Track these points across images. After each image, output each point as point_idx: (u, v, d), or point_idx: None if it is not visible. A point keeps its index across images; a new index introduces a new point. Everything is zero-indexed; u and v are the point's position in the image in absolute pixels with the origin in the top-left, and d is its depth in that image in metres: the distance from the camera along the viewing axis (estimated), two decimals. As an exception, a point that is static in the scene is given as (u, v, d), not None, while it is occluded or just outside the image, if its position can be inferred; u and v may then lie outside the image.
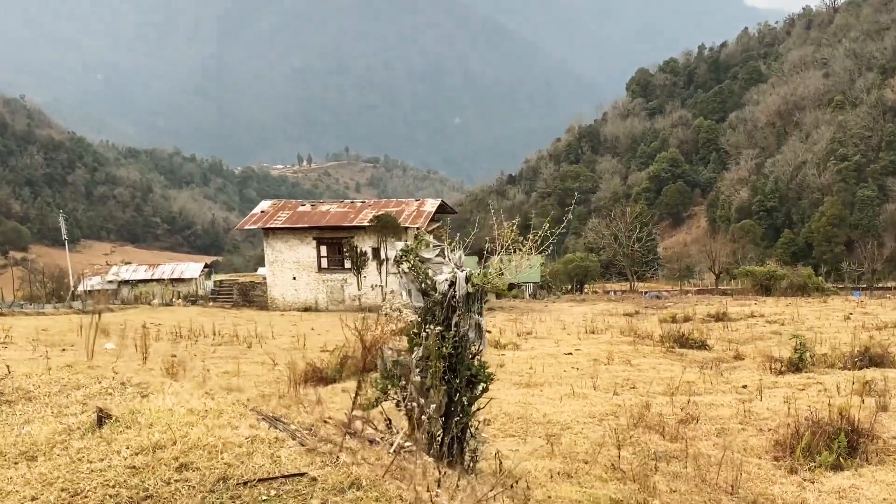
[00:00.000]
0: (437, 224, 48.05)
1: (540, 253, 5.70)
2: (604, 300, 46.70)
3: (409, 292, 5.39)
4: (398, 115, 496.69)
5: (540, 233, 5.64)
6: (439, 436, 5.29)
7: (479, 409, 5.38)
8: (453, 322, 5.21)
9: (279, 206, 44.07)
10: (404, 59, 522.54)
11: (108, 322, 23.06)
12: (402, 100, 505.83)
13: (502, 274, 5.16)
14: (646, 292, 56.09)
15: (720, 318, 28.56)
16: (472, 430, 5.39)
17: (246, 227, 42.79)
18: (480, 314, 5.21)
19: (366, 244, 40.49)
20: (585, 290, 66.87)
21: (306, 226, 40.94)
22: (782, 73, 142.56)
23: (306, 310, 39.83)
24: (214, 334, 21.73)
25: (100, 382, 4.76)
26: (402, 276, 5.43)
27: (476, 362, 5.26)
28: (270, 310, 41.03)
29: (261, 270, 76.87)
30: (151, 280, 67.92)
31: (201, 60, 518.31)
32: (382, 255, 39.71)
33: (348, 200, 46.40)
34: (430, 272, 5.35)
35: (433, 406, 5.19)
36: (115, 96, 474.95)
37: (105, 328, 21.25)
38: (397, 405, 5.39)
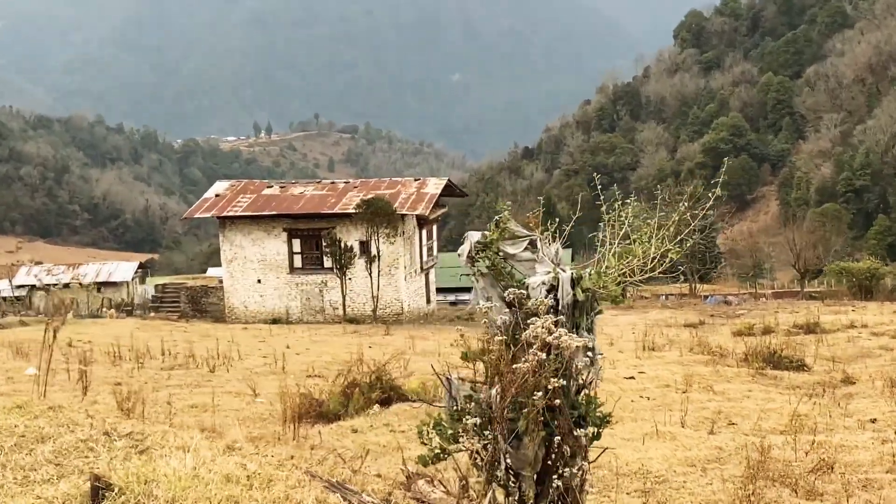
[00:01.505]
0: (443, 210, 47.84)
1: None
2: (655, 307, 46.46)
3: (487, 301, 4.97)
4: (382, 75, 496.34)
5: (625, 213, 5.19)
6: (531, 501, 4.89)
7: (587, 465, 4.95)
8: (554, 342, 4.77)
9: (238, 188, 43.80)
10: (390, 4, 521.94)
11: (21, 340, 22.66)
12: (386, 56, 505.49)
13: (624, 276, 4.71)
14: (707, 296, 55.82)
15: (811, 329, 28.26)
16: (576, 489, 4.96)
17: (196, 216, 42.64)
18: (591, 331, 4.78)
19: (351, 237, 40.24)
20: (629, 294, 66.61)
21: (274, 213, 40.69)
22: (874, 16, 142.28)
23: (275, 321, 39.63)
24: (164, 355, 21.41)
25: (72, 431, 4.33)
26: (477, 280, 5.03)
27: (584, 397, 4.83)
28: (229, 321, 40.81)
29: (212, 271, 76.49)
30: (72, 284, 67.50)
31: (133, 4, 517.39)
32: (373, 251, 39.38)
33: (328, 181, 46.12)
34: (519, 273, 4.94)
35: (526, 459, 4.77)
36: (20, 50, 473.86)
37: (19, 347, 20.87)
38: (472, 458, 4.97)
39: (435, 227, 48.20)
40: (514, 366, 4.57)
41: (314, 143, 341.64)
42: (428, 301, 46.09)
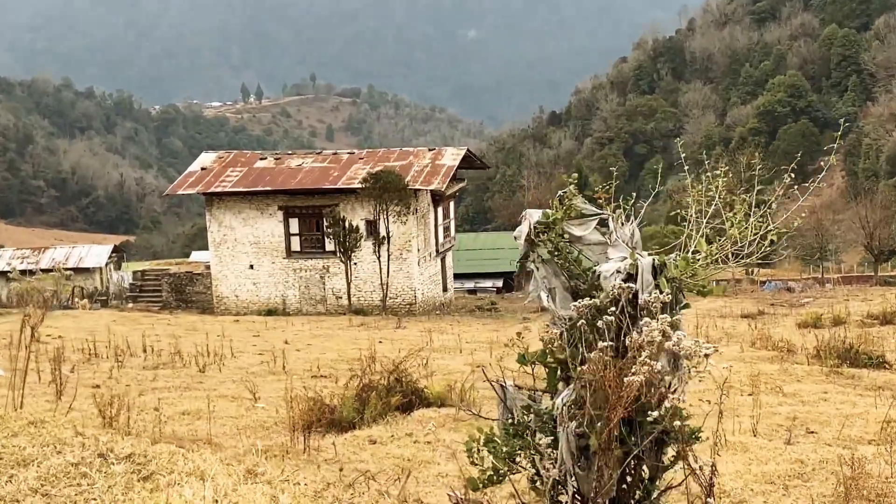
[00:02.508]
0: (461, 184, 47.68)
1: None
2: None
3: (549, 293, 4.78)
4: (387, 30, 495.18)
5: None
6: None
7: (668, 489, 4.74)
8: (628, 342, 4.56)
9: (227, 160, 43.76)
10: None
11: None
12: (392, 7, 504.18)
13: (714, 261, 4.48)
14: (765, 282, 55.52)
15: (888, 319, 28.00)
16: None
17: (179, 193, 42.61)
18: (677, 328, 4.55)
19: (357, 215, 40.17)
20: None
21: (269, 189, 40.61)
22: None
23: (270, 313, 39.64)
24: (146, 352, 21.34)
25: (60, 453, 4.13)
26: (537, 268, 4.82)
27: (669, 409, 4.60)
28: (218, 313, 40.84)
29: (197, 256, 76.55)
30: (37, 271, 67.58)
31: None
32: (382, 232, 39.24)
33: (329, 151, 45.99)
34: (588, 259, 4.74)
35: (598, 481, 4.56)
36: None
37: (-18, 343, 20.83)
38: (532, 481, 4.77)
39: (452, 205, 48.06)
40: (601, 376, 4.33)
41: (310, 108, 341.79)
42: (444, 289, 45.99)
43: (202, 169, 42.98)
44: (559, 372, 4.87)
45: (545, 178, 71.12)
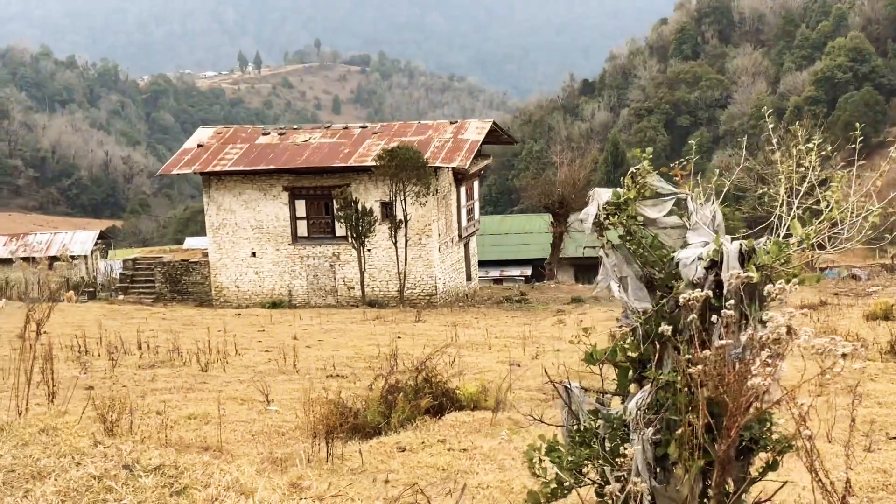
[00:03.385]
0: (486, 161, 47.60)
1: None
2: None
3: (620, 282, 4.71)
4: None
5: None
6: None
7: None
8: (714, 338, 4.49)
9: (227, 136, 43.83)
10: None
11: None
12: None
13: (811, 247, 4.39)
14: (827, 268, 55.21)
15: (968, 312, 27.85)
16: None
17: (174, 172, 42.68)
18: (766, 324, 4.46)
19: (371, 196, 40.17)
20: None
21: (273, 168, 40.63)
22: None
23: (275, 305, 39.81)
24: (141, 349, 21.50)
25: (79, 464, 4.09)
26: (606, 254, 4.75)
27: (757, 413, 4.53)
28: (217, 305, 41.03)
29: (191, 242, 76.73)
30: (16, 259, 67.90)
31: None
32: (399, 215, 39.21)
33: (339, 126, 45.93)
34: (664, 244, 4.66)
35: (677, 498, 4.50)
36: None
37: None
38: (601, 494, 4.71)
39: (476, 184, 47.97)
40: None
41: (315, 78, 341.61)
42: (468, 278, 45.97)
43: (199, 146, 43.03)
44: (631, 372, 4.80)
45: (579, 154, 70.72)
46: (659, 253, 4.76)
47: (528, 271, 63.52)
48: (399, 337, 24.96)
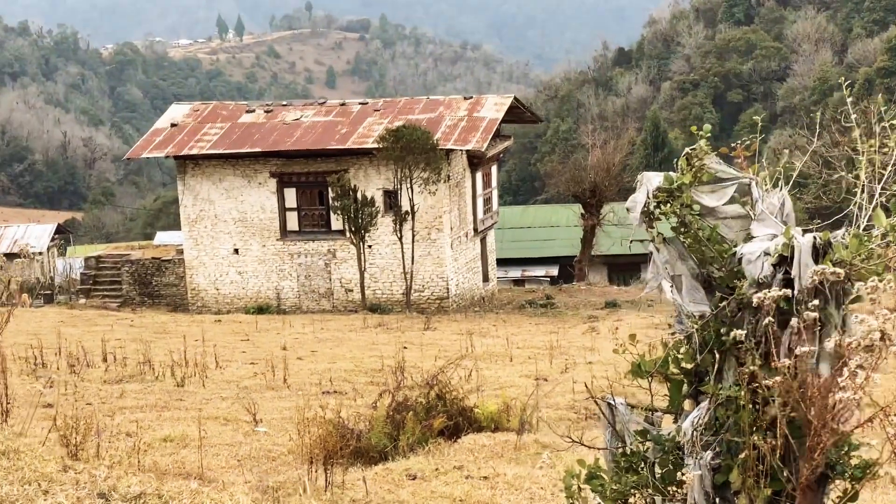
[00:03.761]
0: (507, 143, 47.61)
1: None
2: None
3: (673, 281, 4.73)
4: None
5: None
6: None
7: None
8: (783, 347, 4.51)
9: (205, 113, 43.93)
10: None
11: None
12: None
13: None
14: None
15: None
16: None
17: (144, 156, 42.79)
18: (845, 329, 4.48)
19: (372, 184, 40.23)
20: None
21: (258, 150, 40.71)
22: None
23: (261, 310, 39.89)
24: (107, 361, 21.57)
25: (48, 493, 4.10)
26: (657, 249, 4.76)
27: (843, 434, 4.56)
28: (194, 310, 41.15)
29: (162, 237, 76.83)
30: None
31: None
32: (404, 205, 39.24)
33: (334, 102, 46.00)
34: (724, 237, 4.68)
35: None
36: None
37: None
38: (651, 529, 4.75)
39: (494, 169, 47.99)
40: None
41: (305, 46, 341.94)
42: (485, 278, 46.02)
43: (172, 125, 43.05)
44: (686, 386, 4.81)
45: (613, 135, 70.37)
46: (718, 248, 4.78)
47: (553, 271, 63.56)
48: (405, 347, 25.02)
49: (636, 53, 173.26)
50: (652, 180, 4.89)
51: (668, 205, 4.83)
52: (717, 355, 4.69)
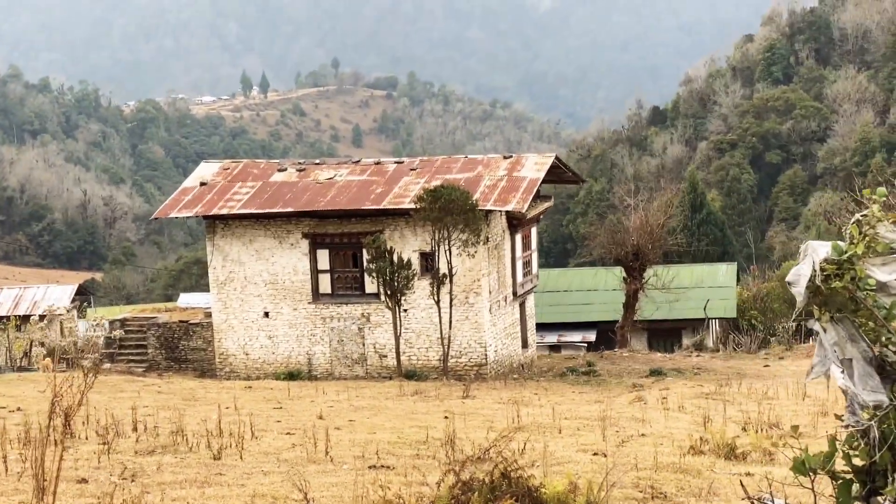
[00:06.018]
0: (547, 204, 47.37)
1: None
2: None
3: (842, 364, 4.30)
4: (433, 0, 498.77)
5: None
6: None
7: None
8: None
9: (234, 172, 43.97)
10: None
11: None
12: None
13: None
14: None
15: None
16: None
17: (172, 215, 42.80)
18: None
19: (409, 246, 40.04)
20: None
21: (290, 210, 40.65)
22: None
23: (291, 376, 39.67)
24: (137, 430, 21.30)
25: None
26: (824, 329, 4.32)
27: None
28: (222, 376, 40.92)
29: (186, 299, 76.87)
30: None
31: None
32: (442, 267, 38.94)
33: (370, 161, 45.92)
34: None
35: None
36: None
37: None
38: None
39: (535, 231, 47.72)
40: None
41: (331, 104, 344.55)
42: (524, 344, 45.64)
43: (201, 184, 42.98)
44: (857, 486, 4.35)
45: (646, 195, 70.06)
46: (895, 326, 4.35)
47: (591, 336, 63.02)
48: (446, 416, 24.57)
49: (671, 112, 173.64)
50: (818, 251, 4.47)
51: (839, 279, 4.41)
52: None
